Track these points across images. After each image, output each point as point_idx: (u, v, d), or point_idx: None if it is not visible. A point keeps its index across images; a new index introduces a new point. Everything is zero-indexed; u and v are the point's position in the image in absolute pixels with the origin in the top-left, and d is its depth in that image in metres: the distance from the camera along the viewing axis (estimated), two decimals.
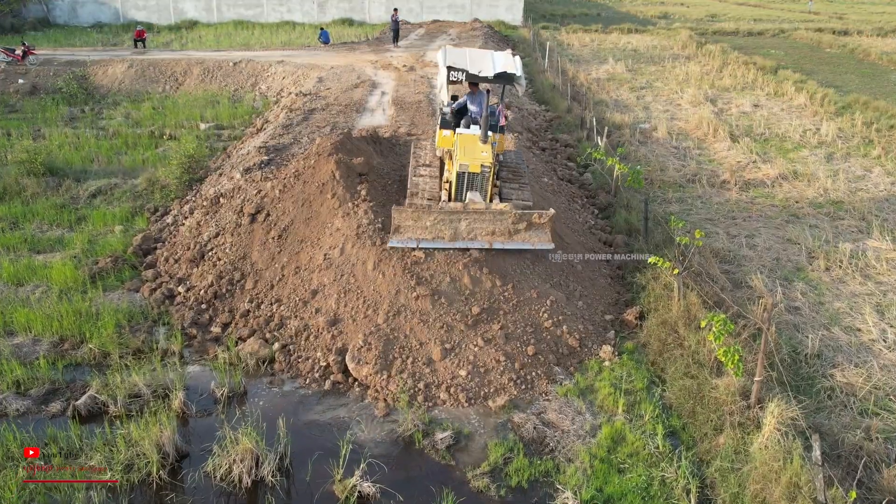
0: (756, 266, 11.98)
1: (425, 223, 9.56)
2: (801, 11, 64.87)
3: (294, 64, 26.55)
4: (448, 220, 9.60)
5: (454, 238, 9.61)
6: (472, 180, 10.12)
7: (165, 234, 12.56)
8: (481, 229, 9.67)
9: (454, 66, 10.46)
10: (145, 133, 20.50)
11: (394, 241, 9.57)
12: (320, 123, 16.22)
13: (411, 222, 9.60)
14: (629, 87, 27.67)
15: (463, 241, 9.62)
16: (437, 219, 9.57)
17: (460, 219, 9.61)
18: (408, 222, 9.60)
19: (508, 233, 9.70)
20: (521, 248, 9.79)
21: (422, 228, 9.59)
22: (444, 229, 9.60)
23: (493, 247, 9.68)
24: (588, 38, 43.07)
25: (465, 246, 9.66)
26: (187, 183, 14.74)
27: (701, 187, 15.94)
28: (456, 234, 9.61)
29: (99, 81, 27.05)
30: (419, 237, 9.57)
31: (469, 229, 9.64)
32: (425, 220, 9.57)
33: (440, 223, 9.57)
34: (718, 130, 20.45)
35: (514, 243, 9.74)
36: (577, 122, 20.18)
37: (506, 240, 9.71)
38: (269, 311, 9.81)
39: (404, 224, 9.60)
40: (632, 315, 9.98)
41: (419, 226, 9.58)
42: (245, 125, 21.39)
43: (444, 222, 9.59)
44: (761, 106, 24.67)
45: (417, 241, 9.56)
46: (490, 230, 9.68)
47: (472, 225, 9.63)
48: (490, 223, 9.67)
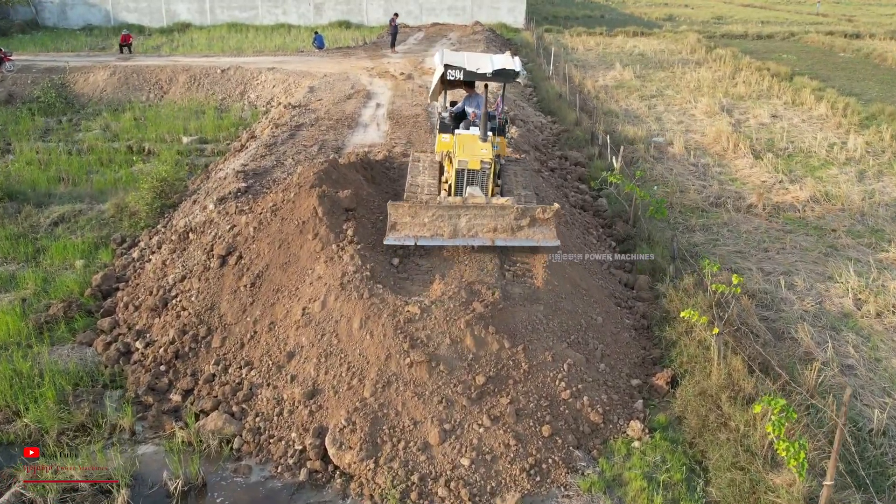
0: (798, 312, 10.53)
1: (423, 219, 9.22)
2: (809, 13, 63.48)
3: (285, 71, 25.11)
4: (447, 215, 9.22)
5: (454, 235, 9.25)
6: (472, 178, 9.83)
7: (129, 271, 11.13)
8: (482, 225, 9.31)
9: (452, 65, 10.14)
10: (122, 148, 19.05)
11: (390, 239, 9.15)
12: (307, 142, 14.77)
13: (408, 219, 9.20)
14: (639, 95, 26.24)
15: (463, 238, 9.27)
16: (435, 214, 9.21)
17: (460, 214, 9.23)
18: (405, 219, 9.20)
19: (511, 229, 9.35)
20: (525, 244, 9.41)
21: (419, 225, 9.22)
22: (444, 226, 9.24)
23: (496, 244, 9.28)
24: (593, 41, 41.65)
25: (466, 243, 9.30)
26: (159, 210, 13.29)
27: (726, 212, 14.48)
28: (456, 230, 9.26)
29: (79, 89, 25.60)
30: (417, 234, 9.17)
31: (469, 226, 9.29)
32: (423, 216, 9.19)
33: (439, 219, 9.23)
34: (739, 145, 19.00)
35: (518, 240, 9.36)
36: (587, 136, 18.74)
37: (509, 236, 9.33)
38: (237, 376, 8.36)
39: (401, 221, 9.20)
40: (662, 379, 8.54)
41: (417, 222, 9.22)
42: (231, 138, 19.96)
43: (444, 218, 9.23)
44: (780, 116, 23.24)
45: (415, 238, 9.15)
46: (492, 226, 9.31)
47: (473, 221, 9.29)
48: (491, 219, 9.30)
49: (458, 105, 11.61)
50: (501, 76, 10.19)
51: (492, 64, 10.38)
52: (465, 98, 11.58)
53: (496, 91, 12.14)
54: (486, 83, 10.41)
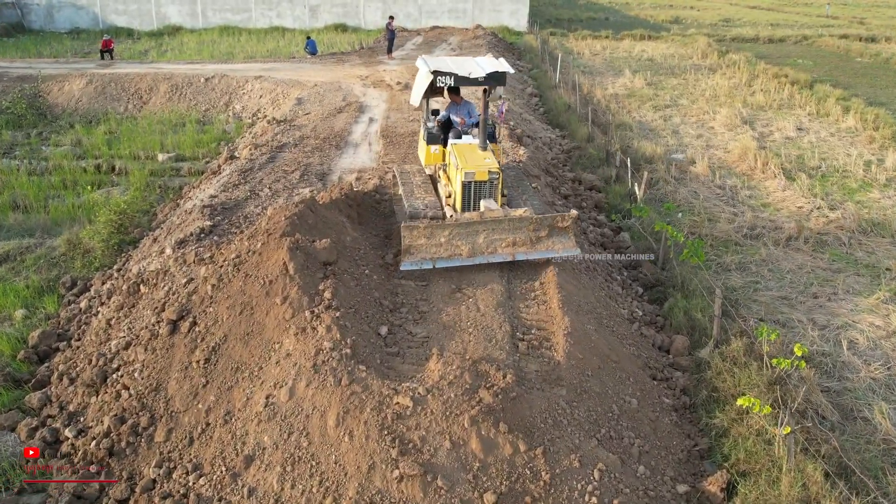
0: (866, 381, 8.81)
1: (439, 239, 8.72)
2: (819, 15, 61.81)
3: (273, 80, 23.39)
4: (465, 233, 8.77)
5: (473, 253, 8.78)
6: (480, 189, 9.35)
7: (74, 327, 9.44)
8: (500, 240, 8.92)
9: (440, 71, 9.65)
10: (90, 167, 17.36)
11: (406, 264, 8.58)
12: (289, 166, 13.06)
13: (424, 240, 8.66)
14: (652, 105, 24.52)
15: (483, 255, 8.82)
16: (452, 233, 8.72)
17: (478, 231, 8.82)
18: (420, 241, 8.64)
19: (530, 241, 9.01)
20: (546, 256, 9.05)
21: (436, 246, 8.72)
22: (461, 244, 8.80)
23: (517, 258, 8.94)
24: (599, 45, 39.93)
25: (486, 261, 8.82)
26: (117, 247, 11.59)
27: (765, 247, 12.76)
28: (474, 248, 8.82)
29: (53, 100, 23.91)
30: (434, 256, 8.65)
31: (488, 242, 8.88)
32: (439, 236, 8.70)
33: (456, 237, 8.77)
34: (768, 164, 17.29)
35: (539, 252, 9.04)
36: (601, 153, 17.02)
37: (529, 249, 9.00)
38: (182, 484, 6.64)
39: (416, 243, 8.64)
40: (716, 485, 6.82)
41: (433, 243, 8.72)
42: (211, 156, 18.25)
43: (461, 236, 8.78)
44: (806, 129, 21.54)
45: (433, 260, 8.62)
46: (510, 240, 8.94)
47: (491, 237, 8.89)
48: (509, 232, 8.93)
49: (443, 114, 10.90)
50: (493, 79, 9.74)
51: (481, 67, 9.84)
52: (450, 106, 10.91)
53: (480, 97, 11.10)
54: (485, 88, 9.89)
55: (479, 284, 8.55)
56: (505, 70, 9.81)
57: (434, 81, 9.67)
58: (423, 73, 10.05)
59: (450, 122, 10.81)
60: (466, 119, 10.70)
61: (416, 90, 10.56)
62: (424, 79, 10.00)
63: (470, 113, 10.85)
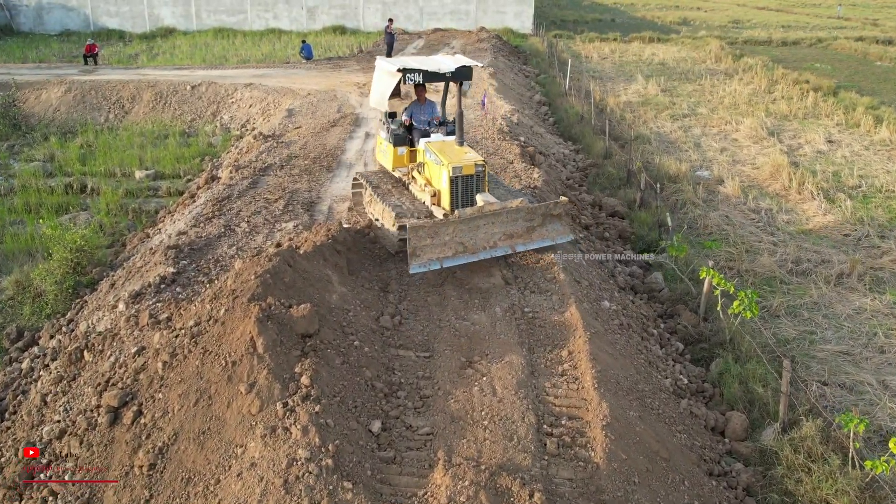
0: None
1: (444, 238, 8.61)
2: (830, 17, 60.23)
3: (264, 88, 21.83)
4: (467, 229, 8.75)
5: (475, 250, 8.78)
6: (468, 184, 9.26)
7: (10, 397, 7.89)
8: (497, 233, 8.93)
9: (409, 68, 9.47)
10: (60, 186, 15.82)
11: (415, 267, 8.39)
12: (272, 193, 11.50)
13: (429, 240, 8.52)
14: (669, 114, 22.94)
15: (485, 250, 8.84)
16: (455, 230, 8.67)
17: (478, 226, 8.81)
18: (426, 241, 8.48)
19: (526, 231, 9.05)
20: (543, 245, 9.19)
21: (441, 245, 8.60)
22: (465, 241, 8.72)
23: (517, 250, 9.04)
24: (607, 48, 38.37)
25: (489, 255, 8.85)
26: (71, 290, 10.03)
27: (815, 286, 11.19)
28: (476, 244, 8.78)
29: (30, 108, 22.37)
30: (441, 256, 8.55)
31: (487, 236, 8.87)
32: (443, 234, 8.61)
33: (459, 234, 8.70)
34: (805, 184, 15.71)
35: (535, 242, 9.17)
36: (621, 172, 15.45)
37: (526, 240, 9.11)
38: None
39: (422, 244, 8.45)
40: None
41: (438, 242, 8.58)
42: (193, 173, 16.71)
43: (464, 232, 8.73)
44: (837, 142, 19.97)
45: (440, 261, 8.52)
46: (508, 233, 9.00)
47: (491, 230, 8.88)
48: (505, 225, 8.98)
49: (404, 115, 10.54)
50: (461, 74, 9.73)
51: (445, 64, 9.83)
52: (412, 105, 10.69)
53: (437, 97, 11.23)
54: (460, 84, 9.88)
55: (495, 356, 6.98)
56: (472, 65, 9.82)
57: (402, 80, 9.47)
58: (387, 73, 9.91)
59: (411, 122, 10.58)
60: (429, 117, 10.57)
61: (378, 92, 10.23)
62: (390, 79, 9.78)
63: (433, 111, 10.75)
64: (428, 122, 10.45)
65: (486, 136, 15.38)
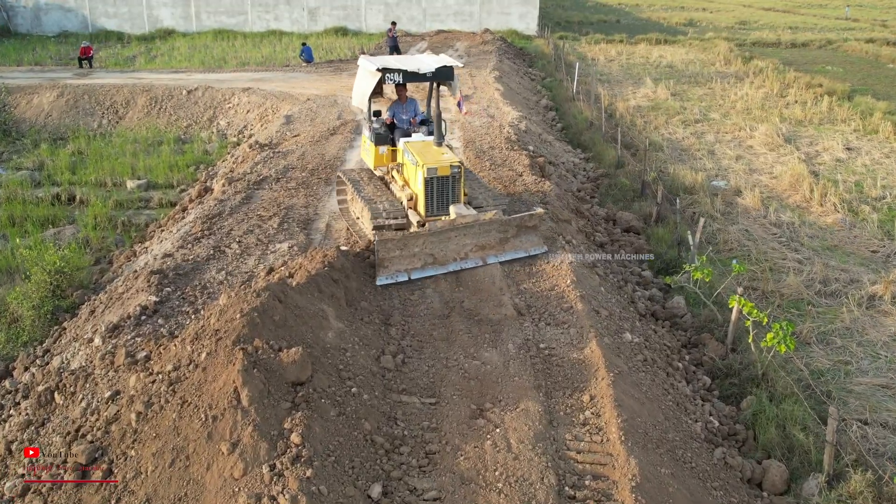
0: None
1: (413, 250, 8.59)
2: (837, 18, 59.41)
3: (263, 93, 21.12)
4: (437, 241, 8.71)
5: (445, 261, 8.74)
6: (443, 186, 9.16)
7: None
8: (469, 245, 8.89)
9: (389, 68, 9.47)
10: (49, 197, 15.14)
11: (382, 279, 8.41)
12: (266, 209, 10.79)
13: (398, 252, 8.51)
14: (681, 119, 22.20)
15: (455, 262, 8.80)
16: (425, 242, 8.64)
17: (449, 237, 8.76)
18: (394, 253, 8.48)
19: (499, 242, 9.00)
20: (515, 256, 9.11)
21: (410, 257, 8.58)
22: (434, 253, 8.69)
23: (488, 262, 8.90)
24: (613, 50, 37.61)
25: (459, 268, 8.77)
26: (50, 315, 9.31)
27: (847, 310, 10.45)
28: (446, 255, 8.75)
29: (21, 114, 21.69)
30: (409, 268, 8.56)
31: (458, 248, 8.84)
32: (412, 246, 8.59)
33: (429, 246, 8.67)
34: (827, 195, 14.97)
35: (508, 253, 9.09)
36: (634, 183, 14.73)
37: (498, 252, 9.03)
38: None
39: (390, 256, 8.46)
40: None
41: (407, 254, 8.57)
42: (187, 183, 16.03)
43: (434, 244, 8.69)
44: (856, 149, 19.23)
45: (408, 273, 8.53)
46: (479, 244, 8.94)
47: (461, 241, 8.83)
48: (477, 236, 8.90)
49: (387, 114, 10.63)
50: (441, 75, 9.65)
51: (427, 64, 9.73)
52: (394, 105, 10.71)
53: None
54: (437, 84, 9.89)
55: (508, 403, 6.26)
56: (452, 64, 9.70)
57: (382, 79, 9.44)
58: (368, 72, 9.87)
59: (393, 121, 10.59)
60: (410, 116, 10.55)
61: (360, 91, 10.22)
62: (370, 78, 9.72)
63: (415, 111, 10.76)
64: (408, 121, 10.44)
65: (494, 144, 14.66)
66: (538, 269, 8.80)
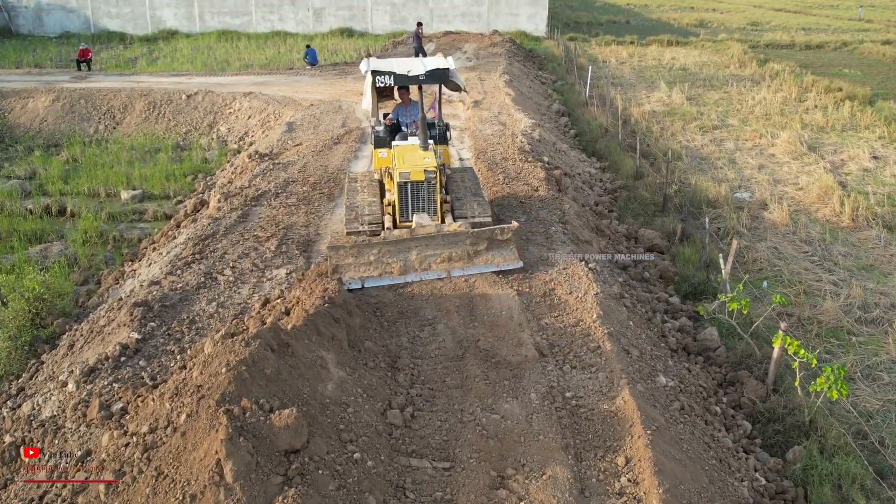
0: None
1: (368, 258, 8.41)
2: (850, 19, 58.42)
3: (265, 98, 20.37)
4: (395, 250, 8.46)
5: (404, 271, 8.50)
6: (418, 191, 8.95)
7: None
8: (435, 256, 8.61)
9: (379, 70, 9.31)
10: (39, 209, 14.43)
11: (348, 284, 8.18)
12: (263, 230, 10.02)
13: (351, 259, 8.36)
14: (698, 125, 21.38)
15: (416, 272, 8.53)
16: (381, 251, 8.43)
17: (409, 247, 8.50)
18: (347, 260, 8.35)
19: (468, 255, 8.66)
20: (484, 271, 8.67)
21: (365, 265, 8.41)
22: (392, 262, 8.48)
23: (452, 274, 8.56)
24: (624, 51, 36.78)
25: (419, 278, 8.48)
26: (28, 347, 8.57)
27: (894, 340, 9.63)
28: (406, 265, 8.52)
29: (15, 119, 21.00)
30: (364, 276, 8.34)
31: (421, 258, 8.57)
32: (367, 254, 8.40)
33: (386, 255, 8.45)
34: (858, 208, 14.13)
35: (476, 267, 8.69)
36: (655, 196, 13.91)
37: (465, 265, 8.66)
38: None
39: (343, 263, 8.35)
40: None
41: (361, 262, 8.39)
42: (184, 193, 15.30)
43: (391, 254, 8.47)
44: (883, 158, 18.39)
45: (362, 280, 8.32)
46: (446, 256, 8.64)
47: (424, 252, 8.56)
48: (444, 248, 8.60)
49: (391, 115, 10.62)
50: (434, 77, 9.42)
51: (423, 66, 9.57)
52: (398, 107, 10.73)
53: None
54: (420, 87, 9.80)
55: (534, 466, 5.46)
56: (446, 67, 9.48)
57: (374, 81, 9.28)
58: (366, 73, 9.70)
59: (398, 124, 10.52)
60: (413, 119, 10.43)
61: (365, 95, 10.09)
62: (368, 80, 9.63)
63: (416, 114, 10.37)
64: (411, 123, 10.34)
65: (507, 155, 13.86)
66: (560, 301, 8.00)
